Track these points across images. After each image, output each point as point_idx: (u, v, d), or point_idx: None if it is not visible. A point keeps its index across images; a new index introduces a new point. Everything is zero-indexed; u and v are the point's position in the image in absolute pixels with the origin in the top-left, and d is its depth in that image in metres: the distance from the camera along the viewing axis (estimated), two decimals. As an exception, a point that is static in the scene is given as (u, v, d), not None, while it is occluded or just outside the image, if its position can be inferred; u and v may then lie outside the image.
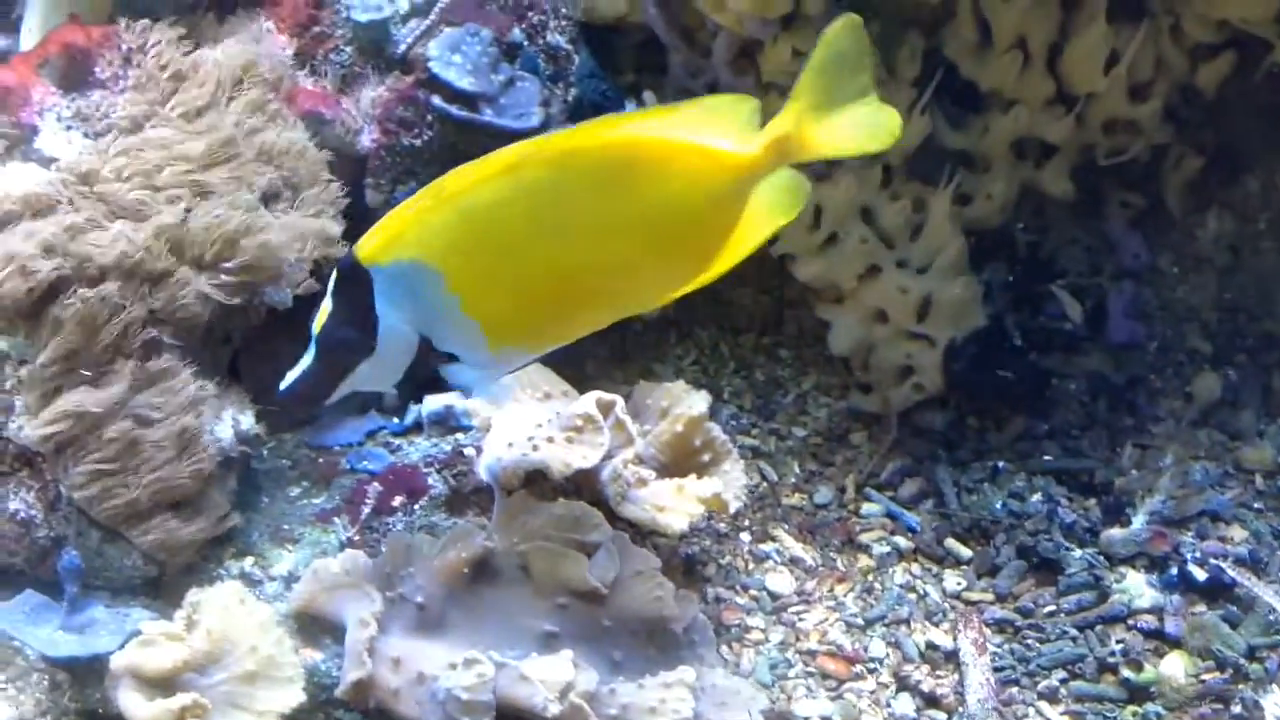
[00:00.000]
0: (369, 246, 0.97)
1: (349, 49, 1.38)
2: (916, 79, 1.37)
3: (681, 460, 1.25)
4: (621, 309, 1.05)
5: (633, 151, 0.97)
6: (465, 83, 1.34)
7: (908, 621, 1.26)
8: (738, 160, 0.97)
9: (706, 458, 1.24)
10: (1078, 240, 1.47)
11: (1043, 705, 1.18)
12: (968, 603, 1.28)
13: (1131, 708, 1.18)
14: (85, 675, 1.08)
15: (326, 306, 0.99)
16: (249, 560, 1.20)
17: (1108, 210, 1.46)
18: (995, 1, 1.34)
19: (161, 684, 1.03)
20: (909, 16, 1.38)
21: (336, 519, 1.23)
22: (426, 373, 1.02)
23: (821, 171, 1.37)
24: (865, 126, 0.98)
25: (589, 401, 1.22)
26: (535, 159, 0.96)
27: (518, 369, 1.08)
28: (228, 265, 1.20)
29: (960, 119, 1.40)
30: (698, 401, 1.24)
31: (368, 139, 1.35)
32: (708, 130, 0.98)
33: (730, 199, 0.99)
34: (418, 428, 1.33)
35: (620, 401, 1.23)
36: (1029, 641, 1.23)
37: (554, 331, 1.04)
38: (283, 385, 1.01)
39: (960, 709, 1.18)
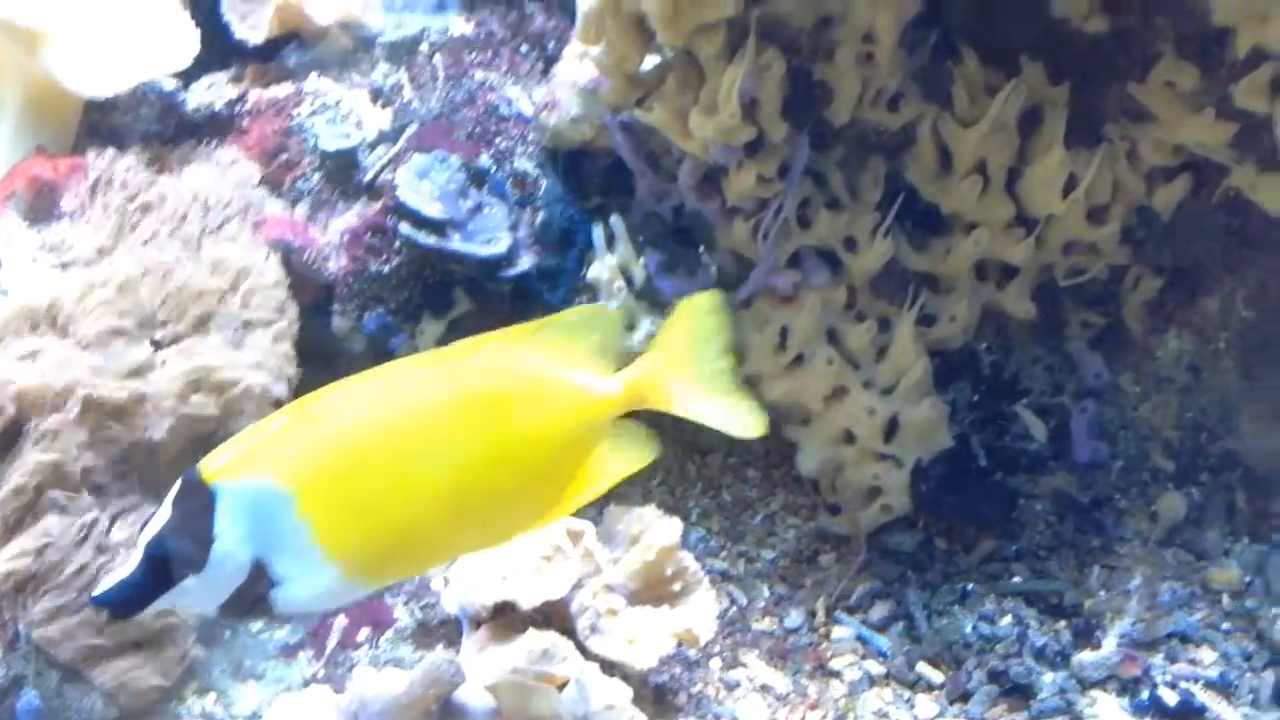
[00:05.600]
0: (218, 462, 0.93)
1: (316, 176, 1.39)
2: (880, 202, 1.40)
3: (652, 588, 1.24)
4: (474, 542, 1.03)
5: (499, 382, 0.97)
6: (432, 209, 1.36)
7: (881, 750, 1.25)
8: (600, 401, 1.00)
9: (678, 587, 1.24)
10: (1040, 360, 1.48)
11: (1019, 835, 1.17)
12: (941, 729, 1.27)
13: (1108, 836, 1.17)
14: (42, 824, 1.05)
15: (163, 514, 0.93)
16: (210, 698, 1.18)
17: (1069, 330, 1.47)
18: (954, 127, 1.37)
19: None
20: (871, 141, 1.41)
21: (300, 653, 1.21)
22: (254, 598, 0.95)
23: (787, 294, 1.39)
24: (731, 413, 1.03)
25: (558, 530, 1.21)
26: (403, 384, 0.96)
27: (349, 603, 1.04)
28: (192, 400, 1.20)
29: (922, 241, 1.42)
30: (670, 530, 1.24)
31: (335, 266, 1.36)
32: (571, 354, 1.00)
33: (588, 436, 1.00)
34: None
35: (590, 530, 1.23)
36: (1003, 769, 1.22)
37: (402, 563, 1.00)
38: (97, 591, 0.94)
39: (936, 841, 1.17)
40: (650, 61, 1.40)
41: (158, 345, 1.23)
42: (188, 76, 1.49)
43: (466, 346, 0.99)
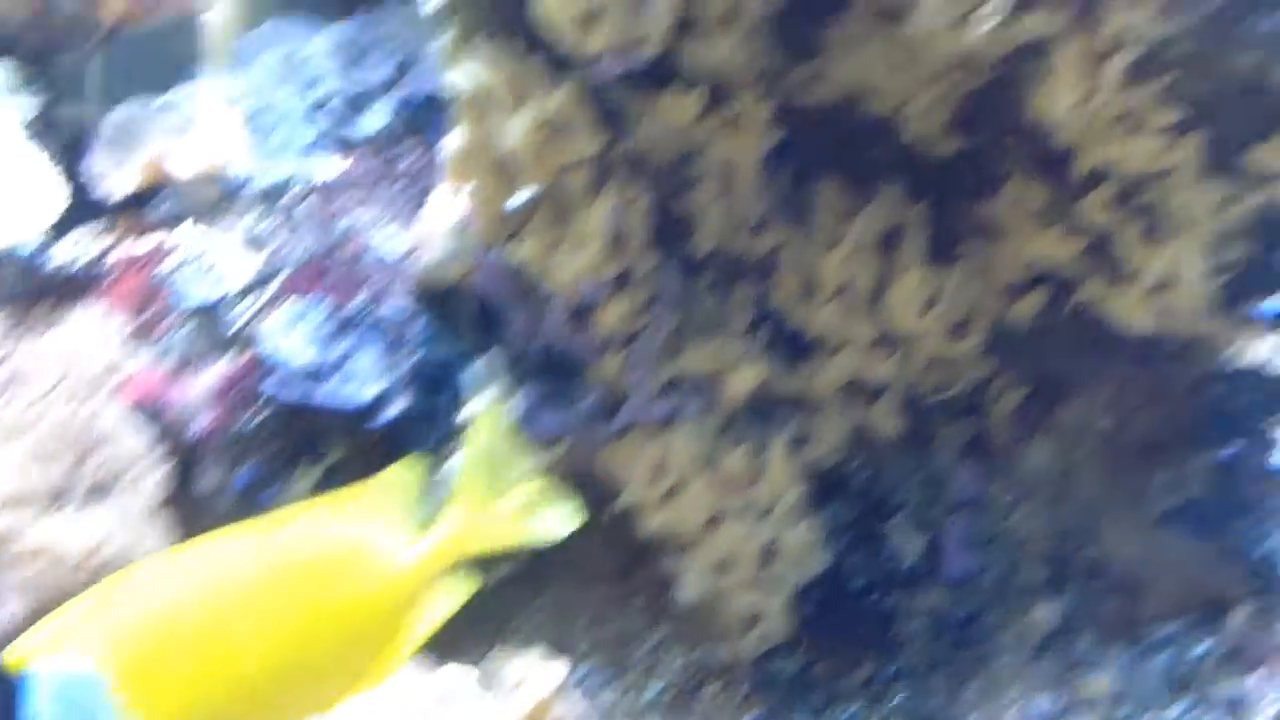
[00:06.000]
0: (26, 645, 0.88)
1: (184, 329, 1.39)
2: (748, 327, 1.42)
3: (534, 737, 1.24)
4: (297, 713, 1.00)
5: (312, 554, 0.97)
6: (301, 359, 1.36)
7: None
8: (412, 571, 0.99)
9: (558, 736, 1.24)
10: (912, 475, 1.51)
11: None
12: None
13: None
14: None
15: None
16: None
17: (937, 444, 1.50)
18: (817, 251, 1.40)
19: None
20: (737, 268, 1.43)
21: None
22: None
23: (661, 424, 1.40)
24: (545, 517, 1.04)
25: (437, 684, 1.21)
26: (216, 557, 0.95)
27: None
28: (49, 569, 1.18)
29: (791, 364, 1.44)
30: (549, 678, 1.24)
31: (203, 422, 1.35)
32: (390, 515, 0.99)
33: (402, 602, 0.99)
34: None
35: (469, 680, 1.23)
36: None
37: None
38: None
39: None
40: (524, 194, 1.42)
41: (17, 513, 1.22)
42: (56, 229, 1.48)
43: (283, 516, 0.98)
